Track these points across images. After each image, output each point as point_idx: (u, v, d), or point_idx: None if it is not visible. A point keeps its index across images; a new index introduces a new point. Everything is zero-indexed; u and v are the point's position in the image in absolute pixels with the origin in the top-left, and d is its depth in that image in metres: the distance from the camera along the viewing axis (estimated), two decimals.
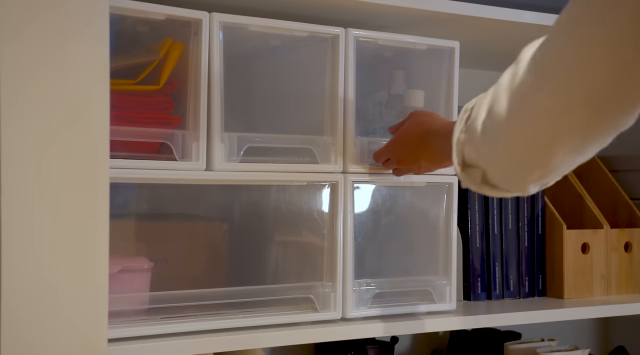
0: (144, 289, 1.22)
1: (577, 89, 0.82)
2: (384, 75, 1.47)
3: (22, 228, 0.92)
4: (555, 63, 0.83)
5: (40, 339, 0.93)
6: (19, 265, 0.92)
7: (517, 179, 0.97)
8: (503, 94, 0.91)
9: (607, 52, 0.78)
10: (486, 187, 1.02)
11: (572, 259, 1.66)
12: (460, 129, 1.01)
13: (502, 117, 0.90)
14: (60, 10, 0.94)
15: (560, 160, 0.89)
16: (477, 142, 0.97)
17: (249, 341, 1.20)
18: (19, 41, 0.92)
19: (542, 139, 0.88)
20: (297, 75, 1.40)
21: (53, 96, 0.93)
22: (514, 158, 0.93)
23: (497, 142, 0.93)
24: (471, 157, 1.00)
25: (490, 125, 0.93)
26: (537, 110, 0.86)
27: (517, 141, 0.90)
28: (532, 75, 0.87)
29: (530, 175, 0.94)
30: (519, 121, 0.89)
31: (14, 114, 0.91)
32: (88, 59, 0.95)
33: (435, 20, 1.41)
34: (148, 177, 1.17)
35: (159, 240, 1.33)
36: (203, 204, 1.42)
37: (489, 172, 0.98)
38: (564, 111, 0.84)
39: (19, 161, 0.92)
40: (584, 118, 0.83)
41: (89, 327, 0.96)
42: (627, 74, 0.79)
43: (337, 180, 1.31)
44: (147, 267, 1.23)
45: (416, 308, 1.39)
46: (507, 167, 0.95)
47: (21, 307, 0.92)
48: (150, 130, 1.19)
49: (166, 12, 1.18)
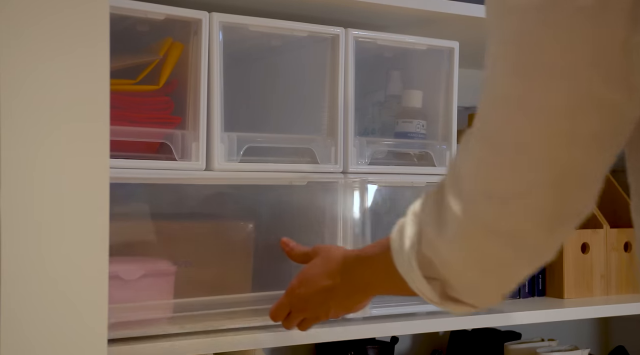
0: (167, 296, 1.17)
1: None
2: (384, 75, 1.47)
3: (21, 228, 0.92)
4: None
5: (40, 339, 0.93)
6: (18, 265, 0.92)
7: (481, 287, 0.86)
8: (454, 180, 0.81)
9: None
10: (449, 303, 0.89)
11: (572, 258, 1.66)
12: (413, 232, 0.88)
13: (461, 211, 0.80)
14: (60, 10, 0.93)
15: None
16: (437, 246, 0.84)
17: (249, 341, 1.20)
18: (18, 41, 0.92)
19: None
20: (297, 75, 1.40)
21: (53, 96, 0.93)
22: (480, 263, 0.82)
23: (461, 243, 0.82)
24: (428, 266, 0.87)
25: (452, 223, 0.82)
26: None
27: (479, 236, 0.80)
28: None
29: (493, 281, 0.84)
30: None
31: (13, 114, 0.91)
32: (88, 59, 0.95)
33: (435, 20, 1.41)
34: (148, 177, 1.17)
35: (180, 242, 1.28)
36: (227, 204, 1.40)
37: (450, 282, 0.86)
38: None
39: (18, 161, 0.92)
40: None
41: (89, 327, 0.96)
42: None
43: (337, 180, 1.31)
44: (171, 271, 1.18)
45: (416, 308, 1.39)
46: (472, 275, 0.84)
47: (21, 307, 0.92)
48: (150, 130, 1.19)
49: (166, 12, 1.18)
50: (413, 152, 1.42)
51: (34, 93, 0.92)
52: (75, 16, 0.94)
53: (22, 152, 0.92)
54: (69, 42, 0.94)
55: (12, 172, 0.91)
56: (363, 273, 1.05)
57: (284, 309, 1.15)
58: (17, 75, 0.91)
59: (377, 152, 1.37)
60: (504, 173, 0.76)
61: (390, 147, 1.40)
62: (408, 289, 0.92)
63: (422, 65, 1.46)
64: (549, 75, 0.71)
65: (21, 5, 0.91)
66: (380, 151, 1.38)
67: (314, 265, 1.13)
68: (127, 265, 1.16)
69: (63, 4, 0.94)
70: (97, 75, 0.96)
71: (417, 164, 1.42)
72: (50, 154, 0.94)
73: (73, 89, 0.95)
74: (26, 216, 0.92)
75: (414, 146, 1.41)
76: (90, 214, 0.96)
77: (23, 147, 0.92)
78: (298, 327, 1.17)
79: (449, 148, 1.42)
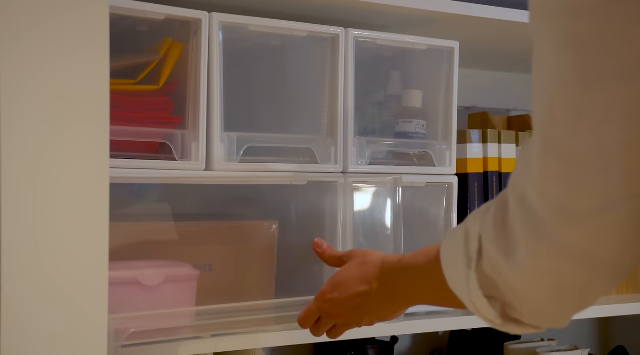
0: (190, 302, 1.13)
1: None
2: (384, 76, 1.47)
3: (21, 228, 0.92)
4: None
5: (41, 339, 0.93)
6: (18, 265, 0.92)
7: (552, 312, 0.80)
8: (517, 196, 0.76)
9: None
10: (512, 325, 0.84)
11: None
12: (474, 250, 0.82)
13: (531, 231, 0.74)
14: (60, 11, 0.93)
15: None
16: (503, 268, 0.79)
17: (249, 341, 1.20)
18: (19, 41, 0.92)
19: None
20: (297, 75, 1.40)
21: (53, 96, 0.93)
22: (553, 289, 0.77)
23: (530, 269, 0.76)
24: (491, 286, 0.82)
25: (519, 245, 0.76)
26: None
27: (554, 260, 0.74)
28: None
29: (567, 306, 0.79)
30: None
31: (13, 114, 0.91)
32: (88, 59, 0.95)
33: (435, 20, 1.41)
34: (148, 177, 1.17)
35: (200, 244, 1.25)
36: (251, 204, 1.39)
37: (513, 303, 0.81)
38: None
39: (19, 161, 0.92)
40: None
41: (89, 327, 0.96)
42: None
43: (337, 180, 1.31)
44: (194, 276, 1.15)
45: (416, 308, 1.39)
46: (543, 299, 0.79)
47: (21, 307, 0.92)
48: (150, 130, 1.19)
49: (166, 12, 1.18)
50: (413, 152, 1.42)
51: (34, 93, 0.92)
52: (76, 16, 0.94)
53: (22, 151, 0.92)
54: (69, 42, 0.94)
55: (13, 172, 0.91)
56: (406, 282, 1.00)
57: (314, 316, 1.11)
58: (17, 74, 0.91)
59: (377, 152, 1.37)
60: (578, 189, 0.70)
61: (390, 147, 1.40)
62: (456, 302, 0.88)
63: (422, 65, 1.46)
64: (611, 82, 0.66)
65: (22, 6, 0.91)
66: (380, 151, 1.38)
67: (348, 269, 1.09)
68: (148, 270, 1.12)
69: (63, 5, 0.94)
70: (97, 76, 0.96)
71: (417, 164, 1.42)
72: (50, 153, 0.94)
73: (73, 89, 0.95)
74: (26, 216, 0.92)
75: (414, 146, 1.41)
76: (90, 214, 0.96)
77: (23, 146, 0.92)
78: (328, 334, 1.13)
79: (449, 148, 1.42)
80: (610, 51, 0.65)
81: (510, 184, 0.78)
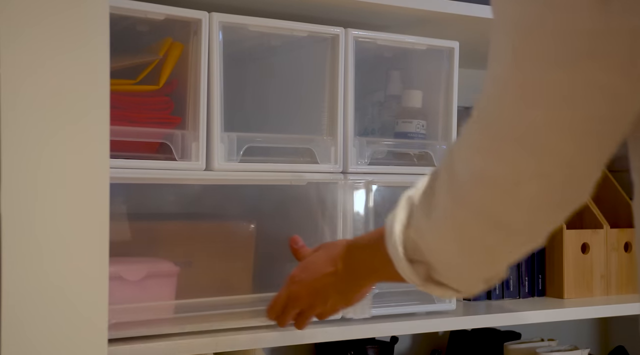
0: (170, 297, 1.17)
1: (527, 161, 0.74)
2: (383, 76, 1.47)
3: (21, 228, 0.92)
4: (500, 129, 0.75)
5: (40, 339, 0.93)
6: (19, 264, 0.92)
7: (465, 272, 0.87)
8: (449, 164, 0.82)
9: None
10: (432, 285, 0.90)
11: (572, 259, 1.66)
12: (404, 216, 0.89)
13: (451, 192, 0.81)
14: (60, 11, 0.93)
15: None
16: (423, 229, 0.86)
17: (249, 341, 1.20)
18: (18, 41, 0.92)
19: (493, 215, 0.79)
20: (297, 75, 1.40)
21: (53, 96, 0.93)
22: (464, 244, 0.83)
23: (447, 226, 0.83)
24: (414, 248, 0.89)
25: (440, 205, 0.83)
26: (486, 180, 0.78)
27: (467, 222, 0.80)
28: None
29: (478, 266, 0.85)
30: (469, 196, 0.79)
31: (14, 114, 0.91)
32: (88, 59, 0.95)
33: (435, 20, 1.41)
34: (148, 177, 1.17)
35: (180, 242, 1.29)
36: (228, 204, 1.40)
37: (434, 265, 0.88)
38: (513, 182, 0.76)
39: (19, 161, 0.92)
40: (535, 190, 0.76)
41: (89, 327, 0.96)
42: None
43: (337, 180, 1.31)
44: (173, 272, 1.18)
45: (416, 308, 1.39)
46: (455, 257, 0.85)
47: (21, 307, 0.92)
48: (150, 130, 1.19)
49: (166, 12, 1.18)
50: (413, 152, 1.42)
51: (34, 93, 0.92)
52: (75, 16, 0.94)
53: (22, 151, 0.92)
54: (69, 42, 0.94)
55: (13, 172, 0.91)
56: (364, 259, 1.04)
57: (281, 300, 1.14)
58: (17, 75, 0.91)
59: (377, 152, 1.37)
60: (501, 161, 0.75)
61: (390, 147, 1.40)
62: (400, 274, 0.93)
63: (422, 65, 1.46)
64: (548, 63, 0.70)
65: (21, 6, 0.91)
66: (380, 151, 1.38)
67: (317, 253, 1.14)
68: (130, 265, 1.16)
69: (63, 5, 0.94)
70: (97, 76, 0.96)
71: (417, 164, 1.42)
72: (50, 153, 0.94)
73: (73, 89, 0.95)
74: (27, 216, 0.92)
75: (413, 146, 1.41)
76: (90, 214, 0.96)
77: (23, 146, 0.92)
78: (295, 324, 1.16)
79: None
80: (545, 37, 0.69)
81: (445, 154, 0.85)
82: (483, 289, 0.90)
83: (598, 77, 0.69)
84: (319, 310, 1.13)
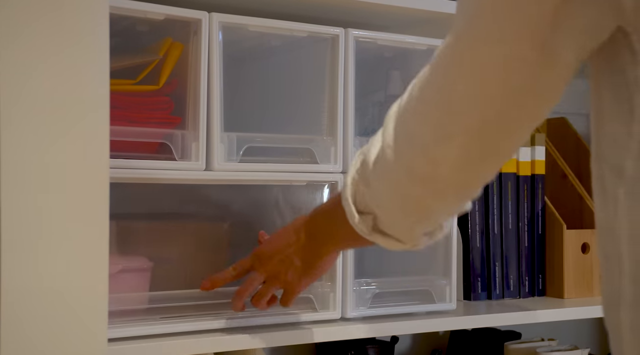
0: (143, 289, 1.21)
1: (451, 118, 0.81)
2: (384, 76, 1.47)
3: (21, 228, 0.92)
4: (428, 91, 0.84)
5: (41, 339, 0.93)
6: (18, 265, 0.92)
7: (403, 222, 0.94)
8: (390, 122, 0.90)
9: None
10: (377, 235, 0.98)
11: (572, 258, 1.66)
12: (355, 170, 0.97)
13: (388, 148, 0.89)
14: (60, 10, 0.93)
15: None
16: (369, 180, 0.94)
17: (249, 341, 1.20)
18: (18, 41, 0.92)
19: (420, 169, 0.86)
20: (297, 75, 1.40)
21: (53, 96, 0.93)
22: (398, 195, 0.90)
23: (384, 178, 0.91)
24: (362, 199, 0.97)
25: (380, 159, 0.91)
26: (414, 136, 0.85)
27: (399, 174, 0.88)
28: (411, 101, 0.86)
29: (412, 216, 0.92)
30: (399, 150, 0.88)
31: (13, 115, 0.91)
32: (88, 59, 0.95)
33: (435, 20, 1.41)
34: (148, 177, 1.17)
35: (160, 241, 1.32)
36: (204, 204, 1.41)
37: (378, 215, 0.96)
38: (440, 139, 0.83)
39: (18, 161, 0.92)
40: (461, 147, 0.82)
41: (89, 327, 0.96)
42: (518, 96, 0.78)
43: (337, 181, 1.31)
44: (147, 267, 1.22)
45: (416, 308, 1.39)
46: (393, 206, 0.93)
47: (21, 306, 0.92)
48: (149, 130, 1.19)
49: (166, 12, 1.18)
50: None
51: (33, 93, 0.93)
52: (75, 16, 0.94)
53: (22, 152, 0.92)
54: (69, 42, 0.94)
55: (13, 172, 0.92)
56: (324, 223, 1.08)
57: (244, 266, 1.17)
58: (16, 75, 0.92)
59: None
60: (426, 121, 0.83)
61: None
62: (359, 237, 0.99)
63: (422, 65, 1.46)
64: (479, 41, 0.78)
65: (21, 5, 0.91)
66: None
67: (281, 228, 1.18)
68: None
69: (63, 4, 0.94)
70: (97, 76, 0.96)
71: None
72: (50, 154, 0.94)
73: (73, 89, 0.95)
74: (27, 216, 0.92)
75: None
76: (90, 214, 0.96)
77: (23, 147, 0.92)
78: (255, 296, 1.17)
79: None
80: (489, 14, 0.76)
81: (396, 106, 0.91)
82: (427, 243, 0.98)
83: (521, 49, 0.75)
84: (283, 276, 1.15)
